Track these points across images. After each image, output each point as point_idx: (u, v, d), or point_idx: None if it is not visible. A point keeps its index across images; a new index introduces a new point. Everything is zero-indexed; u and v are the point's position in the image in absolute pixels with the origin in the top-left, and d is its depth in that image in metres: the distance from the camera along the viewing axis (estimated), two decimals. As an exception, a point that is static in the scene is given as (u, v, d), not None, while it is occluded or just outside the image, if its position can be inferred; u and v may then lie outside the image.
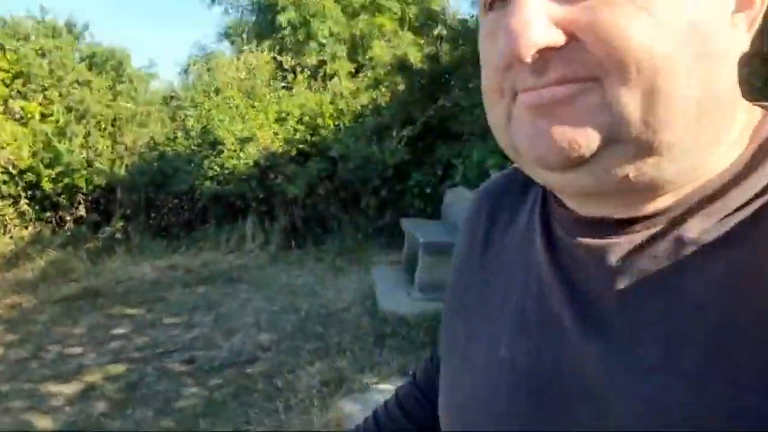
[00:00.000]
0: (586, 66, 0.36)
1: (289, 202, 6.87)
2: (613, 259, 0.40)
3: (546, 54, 0.36)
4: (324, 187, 7.07)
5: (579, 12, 0.36)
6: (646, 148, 0.36)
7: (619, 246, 0.40)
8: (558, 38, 0.36)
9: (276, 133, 7.40)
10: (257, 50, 9.53)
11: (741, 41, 0.39)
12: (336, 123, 7.83)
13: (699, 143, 0.38)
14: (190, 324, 4.28)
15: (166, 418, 2.96)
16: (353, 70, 9.93)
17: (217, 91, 7.65)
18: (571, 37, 0.36)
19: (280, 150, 7.23)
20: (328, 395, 3.11)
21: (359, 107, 7.93)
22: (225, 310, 4.58)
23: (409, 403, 0.71)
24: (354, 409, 2.95)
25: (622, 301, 0.39)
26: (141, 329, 4.19)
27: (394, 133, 6.66)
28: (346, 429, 2.78)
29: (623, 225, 0.41)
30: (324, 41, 10.07)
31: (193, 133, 7.24)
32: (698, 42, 0.36)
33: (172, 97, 8.58)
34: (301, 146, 7.43)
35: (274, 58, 9.41)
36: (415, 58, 7.17)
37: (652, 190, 0.39)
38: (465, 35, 6.01)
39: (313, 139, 7.58)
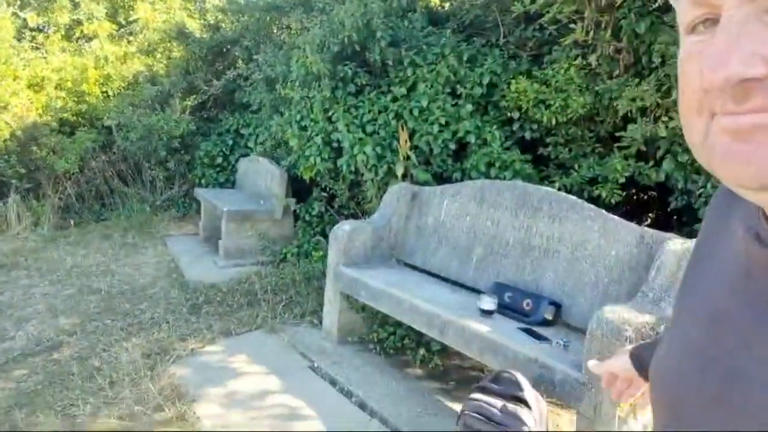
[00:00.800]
0: None
1: (59, 177, 6.19)
2: None
3: (747, 83, 0.37)
4: (99, 160, 6.54)
5: None
6: None
7: None
8: (760, 71, 0.37)
9: (31, 101, 6.53)
10: (-9, 4, 8.07)
11: None
12: (103, 90, 7.22)
13: None
14: (-35, 319, 3.76)
15: (-31, 418, 2.69)
16: (114, 33, 9.09)
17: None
18: None
19: (40, 120, 6.43)
20: (157, 364, 3.16)
21: (131, 74, 7.42)
22: (6, 299, 4.10)
23: None
24: (186, 373, 3.07)
25: None
26: None
27: (177, 103, 6.46)
28: (182, 392, 2.91)
29: None
30: (77, -1, 8.95)
31: None
32: None
33: None
34: (64, 115, 6.71)
35: (16, 14, 8.11)
36: (192, 26, 6.95)
37: None
38: (245, 8, 6.08)
39: (80, 107, 6.90)
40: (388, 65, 4.08)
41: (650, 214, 4.69)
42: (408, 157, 3.80)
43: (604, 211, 2.60)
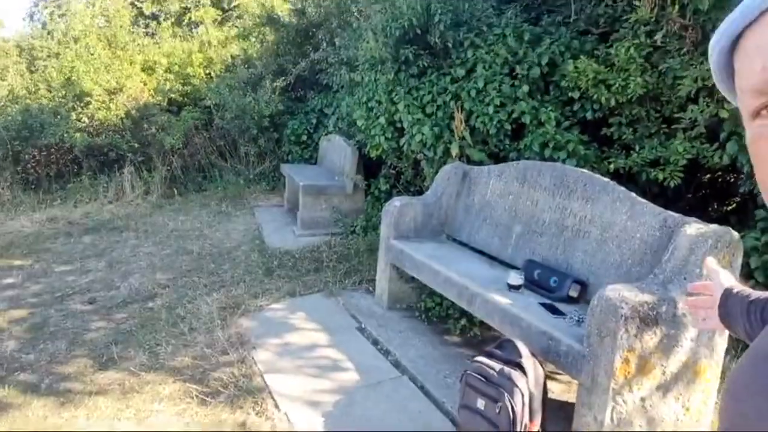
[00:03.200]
0: None
1: (166, 152, 6.98)
2: None
3: None
4: (201, 137, 7.26)
5: None
6: None
7: None
8: None
9: (144, 83, 7.36)
10: (113, -5, 9.10)
11: None
12: (207, 72, 7.93)
13: None
14: (83, 270, 4.49)
15: (79, 348, 3.29)
16: (218, 18, 9.87)
17: (75, 40, 7.35)
18: None
19: (152, 100, 7.24)
20: (228, 316, 3.63)
21: (230, 57, 8.07)
22: (116, 256, 4.82)
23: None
24: (252, 325, 3.51)
25: None
26: (33, 278, 4.34)
27: (268, 84, 6.98)
28: (245, 340, 3.34)
29: None
30: (187, -14, 9.81)
31: (55, 85, 6.97)
32: None
33: (24, 48, 8.04)
34: (172, 96, 7.49)
35: (133, 4, 9.08)
36: (282, 11, 7.43)
37: None
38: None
39: (185, 88, 7.65)
40: (449, 47, 4.22)
41: (735, 199, 4.48)
42: (463, 137, 3.94)
43: (633, 194, 2.64)
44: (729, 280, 1.02)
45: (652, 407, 2.14)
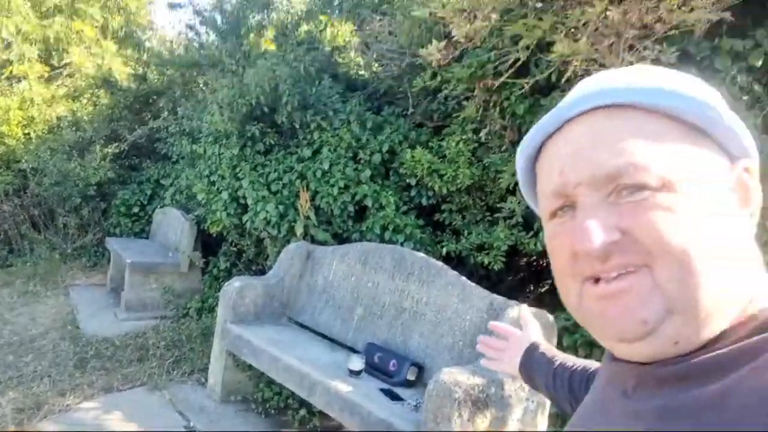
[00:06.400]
0: (639, 254, 0.47)
1: (-37, 221, 5.99)
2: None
3: (608, 246, 0.48)
4: (11, 204, 6.37)
5: (626, 216, 0.48)
6: (691, 317, 0.46)
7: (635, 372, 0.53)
8: (614, 236, 0.48)
9: (-55, 140, 6.37)
10: None
11: (747, 228, 0.51)
12: (26, 132, 7.11)
13: (722, 311, 0.47)
14: None
15: None
16: (46, 75, 9.03)
17: None
18: (624, 232, 0.48)
19: (-48, 159, 6.25)
20: (26, 420, 3.06)
21: (55, 118, 7.35)
22: None
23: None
24: (54, 429, 2.99)
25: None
26: None
27: (98, 149, 6.43)
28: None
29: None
30: (10, 39, 8.89)
31: None
32: (713, 232, 0.47)
33: None
34: (-21, 156, 6.55)
35: (-60, 50, 7.97)
36: (120, 73, 7.03)
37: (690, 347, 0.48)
38: (169, 62, 6.23)
39: (-3, 149, 6.75)
40: (296, 127, 4.27)
41: (547, 282, 4.97)
42: (308, 217, 3.94)
43: (463, 278, 2.79)
44: (537, 335, 1.10)
45: (486, 492, 2.17)
